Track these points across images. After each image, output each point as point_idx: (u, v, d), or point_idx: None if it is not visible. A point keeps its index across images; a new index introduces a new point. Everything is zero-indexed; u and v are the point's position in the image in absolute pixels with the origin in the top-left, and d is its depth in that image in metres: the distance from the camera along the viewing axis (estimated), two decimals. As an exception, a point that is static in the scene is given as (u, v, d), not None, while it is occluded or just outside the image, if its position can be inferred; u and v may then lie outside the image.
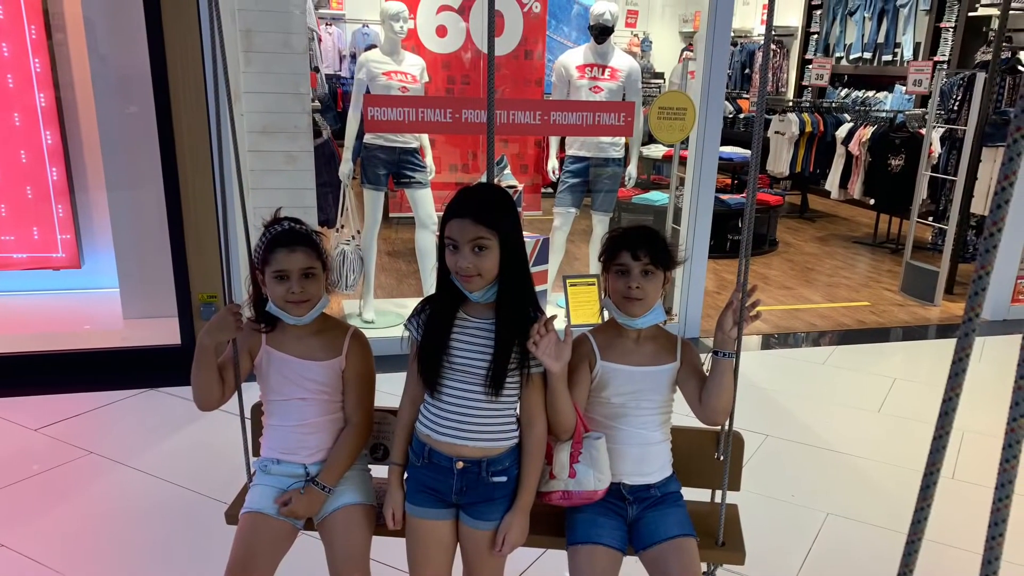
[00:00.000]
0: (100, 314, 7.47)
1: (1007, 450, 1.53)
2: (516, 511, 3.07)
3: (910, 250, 9.99)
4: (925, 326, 8.94)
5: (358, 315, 7.92)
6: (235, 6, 6.32)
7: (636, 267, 3.08)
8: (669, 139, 7.59)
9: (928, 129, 9.94)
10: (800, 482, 5.52)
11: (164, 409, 6.22)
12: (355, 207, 7.64)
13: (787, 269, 11.10)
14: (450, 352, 2.99)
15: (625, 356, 3.21)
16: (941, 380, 1.66)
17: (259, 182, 6.65)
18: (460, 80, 10.53)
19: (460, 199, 2.93)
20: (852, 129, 12.88)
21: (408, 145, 7.56)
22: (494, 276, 2.93)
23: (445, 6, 10.19)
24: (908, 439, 6.18)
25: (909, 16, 14.99)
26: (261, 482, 3.34)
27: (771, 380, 7.23)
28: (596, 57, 7.98)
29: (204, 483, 5.14)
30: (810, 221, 14.59)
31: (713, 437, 3.53)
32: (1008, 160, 1.45)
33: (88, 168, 7.48)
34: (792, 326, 8.70)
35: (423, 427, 3.08)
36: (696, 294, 7.99)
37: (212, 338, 3.17)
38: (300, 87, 6.65)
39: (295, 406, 3.30)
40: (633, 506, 3.26)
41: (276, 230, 3.18)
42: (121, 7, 6.58)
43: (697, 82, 7.68)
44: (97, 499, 5.05)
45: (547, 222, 8.70)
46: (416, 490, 3.13)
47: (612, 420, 3.23)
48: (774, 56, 18.17)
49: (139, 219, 7.08)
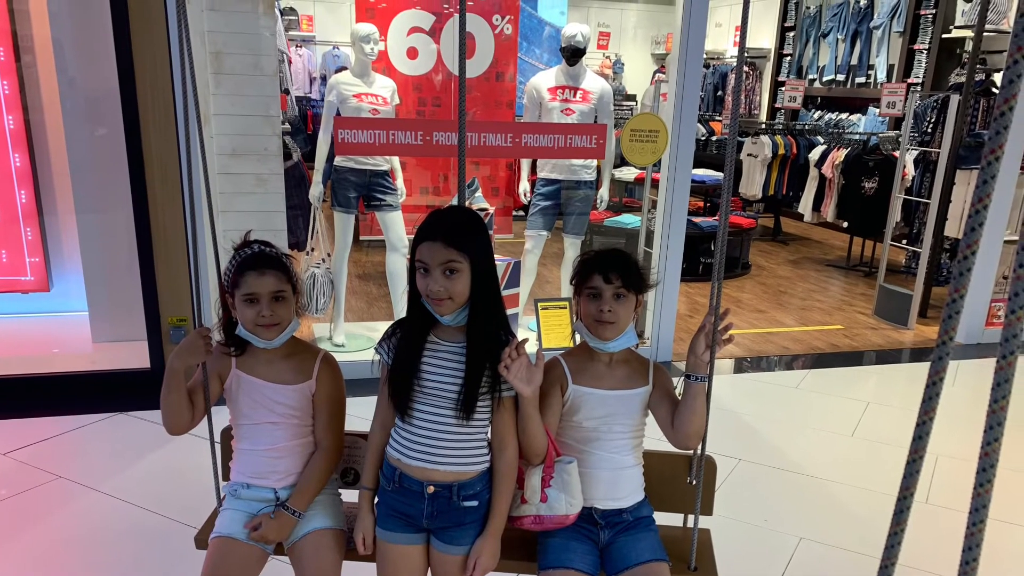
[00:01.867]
0: (69, 337, 7.41)
1: (981, 474, 1.53)
2: (487, 536, 3.06)
3: (883, 273, 10.00)
4: (899, 350, 8.93)
5: (328, 338, 7.87)
6: (204, 28, 6.29)
7: (608, 290, 3.08)
8: (641, 161, 7.57)
9: (902, 152, 9.96)
10: (773, 506, 5.50)
11: (133, 433, 6.16)
12: (325, 230, 7.59)
13: (760, 292, 11.10)
14: (421, 376, 2.98)
15: (597, 380, 3.20)
16: (915, 404, 1.65)
17: (229, 205, 6.61)
18: (431, 102, 10.51)
19: (431, 222, 2.92)
20: (825, 152, 12.91)
21: (379, 167, 7.53)
22: (465, 299, 2.93)
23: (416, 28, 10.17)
24: (881, 463, 6.17)
25: (882, 38, 15.04)
26: (231, 506, 3.33)
27: (744, 404, 7.20)
28: (568, 79, 7.97)
29: (173, 507, 5.09)
30: (783, 244, 14.62)
31: (685, 461, 3.52)
32: (982, 183, 1.43)
33: (57, 191, 7.43)
34: (765, 350, 8.69)
35: (394, 451, 3.07)
36: (668, 317, 7.96)
37: (182, 362, 3.15)
38: (270, 109, 6.62)
39: (265, 430, 3.29)
40: (605, 531, 3.25)
41: (246, 253, 3.17)
42: (90, 29, 6.54)
43: (669, 104, 7.66)
44: (66, 524, 5.00)
45: (518, 245, 8.68)
46: (386, 514, 3.12)
47: (584, 444, 3.22)
48: (747, 78, 18.22)
49: (108, 242, 7.04)
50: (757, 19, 18.43)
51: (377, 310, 9.25)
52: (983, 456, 1.52)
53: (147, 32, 5.98)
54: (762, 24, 18.42)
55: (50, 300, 7.67)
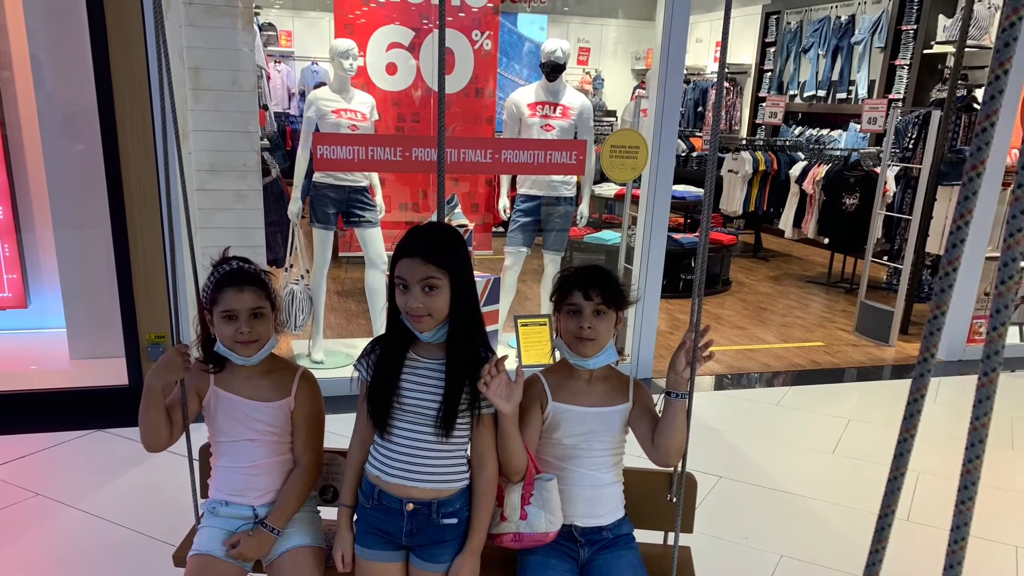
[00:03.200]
0: (47, 354, 7.37)
1: (963, 491, 1.51)
2: (467, 553, 3.07)
3: (864, 290, 10.02)
4: (880, 366, 8.94)
5: (307, 355, 7.84)
6: (183, 44, 6.27)
7: (588, 307, 3.09)
8: (621, 178, 7.57)
9: (883, 168, 9.98)
10: (753, 524, 5.49)
11: (112, 450, 6.15)
12: (304, 246, 7.58)
13: (741, 309, 11.10)
14: (400, 393, 2.98)
15: (577, 397, 3.20)
16: (896, 421, 1.64)
17: (207, 221, 6.60)
18: (410, 118, 10.50)
19: (410, 238, 2.92)
20: (806, 168, 12.93)
21: (358, 184, 7.52)
22: (444, 316, 2.93)
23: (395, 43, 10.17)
24: (862, 480, 6.16)
25: (863, 54, 15.09)
26: (209, 524, 3.33)
27: (724, 421, 7.20)
28: (547, 95, 7.96)
29: (152, 525, 5.07)
30: (764, 260, 14.66)
31: (666, 479, 3.54)
32: (964, 199, 1.42)
33: (35, 207, 7.39)
34: (746, 366, 8.68)
35: (373, 468, 3.07)
36: (648, 334, 7.96)
37: (159, 379, 3.14)
38: (249, 125, 6.61)
39: (244, 447, 3.28)
40: (585, 548, 3.25)
41: (224, 270, 3.16)
42: (68, 45, 6.52)
43: (650, 120, 7.67)
44: (44, 541, 4.97)
45: (498, 261, 8.67)
46: (366, 532, 3.12)
47: (563, 461, 3.22)
48: (728, 94, 18.25)
49: (86, 259, 7.00)
50: (738, 35, 18.50)
51: (356, 327, 9.23)
52: (965, 473, 1.51)
53: (125, 48, 5.96)
54: (743, 40, 18.49)
55: (28, 317, 7.63)
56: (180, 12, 6.22)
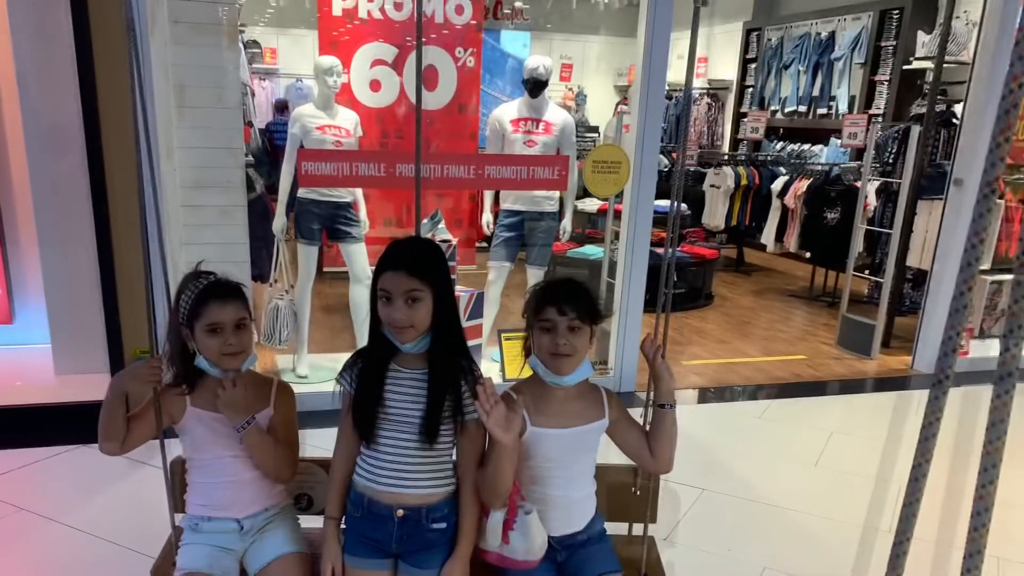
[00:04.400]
0: (31, 370, 7.35)
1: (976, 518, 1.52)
2: (456, 558, 3.11)
3: (846, 303, 10.05)
4: (862, 379, 8.96)
5: (292, 370, 7.85)
6: (168, 61, 6.29)
7: (563, 323, 3.06)
8: (604, 193, 7.60)
9: (864, 182, 10.02)
10: (736, 536, 5.50)
11: (96, 465, 6.11)
12: (289, 262, 7.60)
13: (723, 323, 11.13)
14: (385, 403, 3.02)
15: (553, 419, 3.18)
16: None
17: (192, 237, 6.61)
18: (394, 134, 10.54)
19: (394, 252, 2.98)
20: (788, 182, 12.98)
21: (342, 199, 7.55)
22: (426, 327, 2.98)
23: (379, 60, 10.20)
24: (845, 492, 6.19)
25: (844, 69, 15.12)
26: (192, 540, 3.33)
27: (707, 434, 7.22)
28: (530, 111, 7.99)
29: (136, 539, 5.05)
30: (746, 275, 14.68)
31: (630, 472, 3.60)
32: (978, 216, 1.43)
33: (20, 224, 7.39)
34: (728, 380, 8.71)
35: (361, 478, 3.11)
36: (631, 348, 7.97)
37: (120, 384, 3.18)
38: (233, 142, 6.63)
39: (227, 463, 3.29)
40: (562, 552, 3.27)
41: (203, 283, 3.18)
42: (54, 63, 6.52)
43: (632, 136, 7.69)
44: (28, 556, 4.98)
45: (482, 276, 8.68)
46: (355, 541, 3.15)
47: (539, 485, 3.22)
48: (710, 110, 18.28)
49: (71, 274, 6.99)
50: (719, 51, 18.56)
51: (341, 341, 9.23)
52: (978, 499, 1.51)
53: (110, 66, 6.00)
54: (724, 56, 18.53)
55: (13, 332, 7.63)
56: (165, 30, 6.24)
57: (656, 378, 3.21)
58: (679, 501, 5.87)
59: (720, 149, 17.89)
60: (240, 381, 3.19)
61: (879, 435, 7.32)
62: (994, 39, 8.12)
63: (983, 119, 8.33)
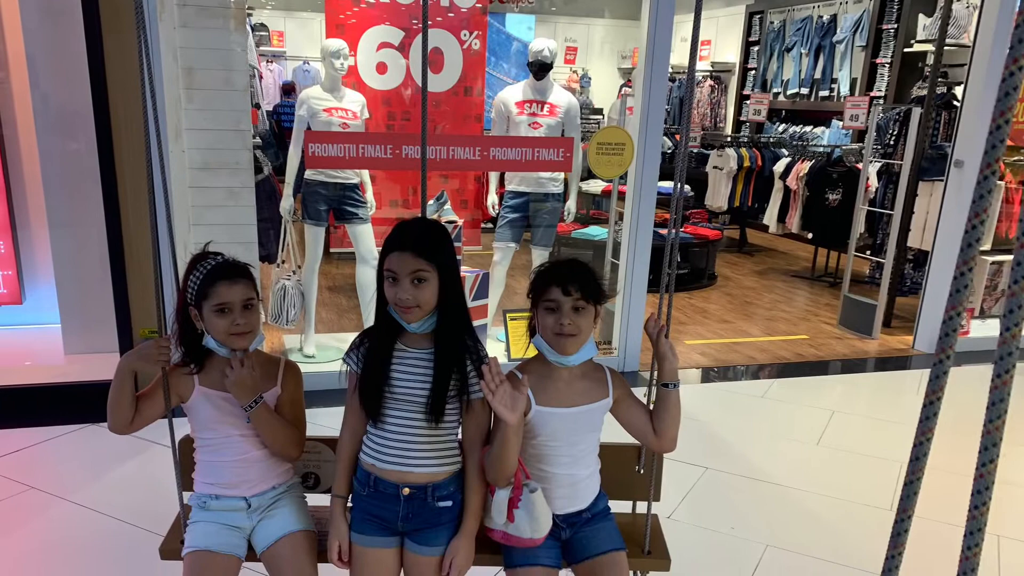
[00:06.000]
0: (41, 349, 7.39)
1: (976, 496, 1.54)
2: (462, 536, 3.13)
3: (848, 283, 10.11)
4: (863, 359, 9.02)
5: (299, 349, 7.91)
6: (177, 44, 6.31)
7: (567, 303, 3.06)
8: (608, 174, 7.64)
9: (865, 164, 10.04)
10: (739, 514, 5.54)
11: (105, 444, 6.15)
12: (296, 242, 7.65)
13: (726, 303, 11.18)
14: (391, 382, 3.03)
15: (558, 398, 3.18)
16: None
17: (200, 218, 6.64)
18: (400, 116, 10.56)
19: (400, 233, 2.99)
20: (790, 164, 13.02)
21: (348, 181, 7.60)
22: (432, 307, 2.98)
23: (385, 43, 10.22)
24: (846, 471, 6.24)
25: (845, 52, 15.14)
26: (200, 519, 3.34)
27: (711, 413, 7.26)
28: (535, 93, 8.03)
29: (144, 517, 5.08)
30: (749, 255, 14.71)
31: (634, 451, 3.63)
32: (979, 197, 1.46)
33: (30, 205, 7.41)
34: (731, 359, 8.76)
35: (368, 457, 3.11)
36: (635, 328, 8.02)
37: (128, 363, 3.19)
38: (241, 124, 6.65)
39: (235, 441, 3.30)
40: (566, 530, 3.29)
41: (211, 264, 3.19)
42: (64, 45, 6.55)
43: (635, 118, 7.74)
44: (38, 535, 5.00)
45: (487, 257, 8.73)
46: (361, 519, 3.16)
47: (544, 463, 3.23)
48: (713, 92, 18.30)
49: (81, 255, 7.03)
50: (722, 34, 18.57)
51: (347, 321, 9.29)
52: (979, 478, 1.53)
53: (120, 48, 6.01)
54: (727, 39, 18.54)
55: (23, 313, 7.66)
56: (174, 14, 6.25)
57: (660, 358, 3.21)
58: (682, 480, 5.91)
59: (723, 131, 17.89)
60: (248, 361, 3.21)
61: (880, 414, 7.36)
62: (994, 22, 8.15)
63: (983, 101, 8.36)
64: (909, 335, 9.52)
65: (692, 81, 3.17)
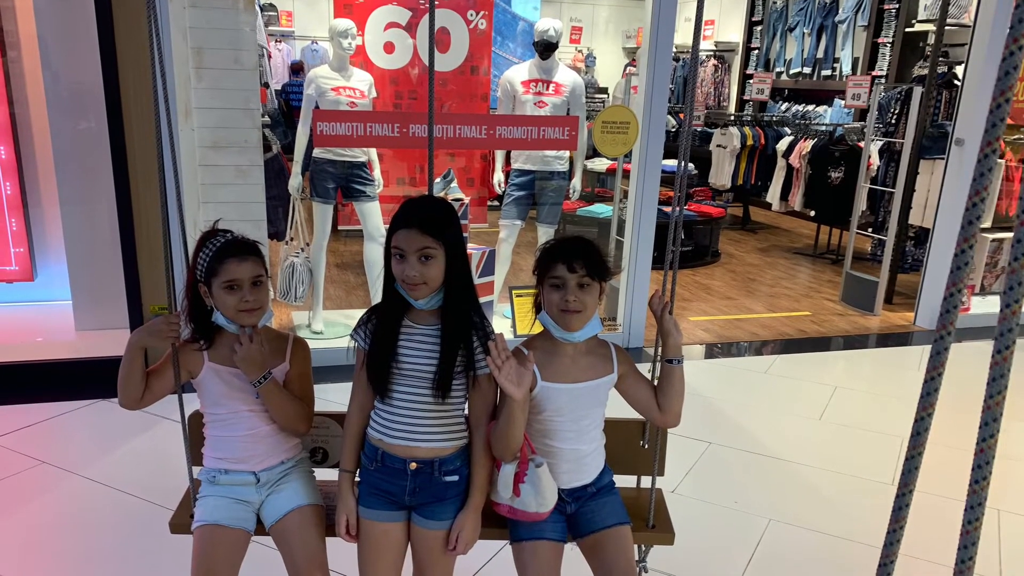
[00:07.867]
0: (53, 326, 7.46)
1: (976, 471, 1.58)
2: (468, 510, 3.15)
3: (850, 261, 10.18)
4: (865, 335, 9.08)
5: (307, 326, 7.98)
6: (186, 24, 6.35)
7: (572, 279, 3.07)
8: (613, 153, 7.69)
9: (867, 142, 10.09)
10: (743, 489, 5.60)
11: (116, 419, 6.20)
12: (304, 220, 7.72)
13: (729, 280, 11.25)
14: (398, 358, 3.05)
15: (563, 373, 3.21)
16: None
17: (210, 196, 6.69)
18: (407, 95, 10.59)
19: (407, 210, 3.00)
20: (792, 142, 13.05)
21: (356, 159, 7.65)
22: (439, 284, 3.01)
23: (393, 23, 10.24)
24: (849, 446, 6.29)
25: (847, 32, 15.15)
26: (209, 493, 3.37)
27: (714, 389, 7.32)
28: (541, 72, 8.09)
29: (155, 492, 5.13)
30: (752, 233, 14.76)
31: (638, 426, 3.67)
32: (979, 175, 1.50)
33: (41, 182, 7.46)
34: (734, 336, 8.82)
35: (375, 432, 3.15)
36: (640, 305, 8.08)
37: (139, 339, 3.19)
38: (250, 103, 6.70)
39: (243, 417, 3.33)
40: (571, 504, 3.31)
41: (220, 241, 3.21)
42: (74, 24, 6.60)
43: (640, 97, 7.79)
44: (49, 509, 5.06)
45: (493, 234, 8.76)
46: (369, 493, 3.19)
47: (549, 438, 3.25)
48: (716, 71, 18.33)
49: (92, 232, 7.09)
50: (726, 14, 18.56)
51: (355, 298, 9.35)
52: (979, 452, 1.57)
53: (130, 27, 6.04)
54: (730, 19, 18.54)
55: (34, 289, 7.72)
56: (184, -6, 6.32)
57: (664, 334, 3.25)
58: (686, 454, 5.97)
59: (726, 110, 17.91)
60: (257, 337, 3.24)
61: (882, 390, 7.43)
62: (994, 2, 8.18)
63: (984, 80, 8.41)
64: (910, 312, 9.59)
65: (696, 60, 3.24)
